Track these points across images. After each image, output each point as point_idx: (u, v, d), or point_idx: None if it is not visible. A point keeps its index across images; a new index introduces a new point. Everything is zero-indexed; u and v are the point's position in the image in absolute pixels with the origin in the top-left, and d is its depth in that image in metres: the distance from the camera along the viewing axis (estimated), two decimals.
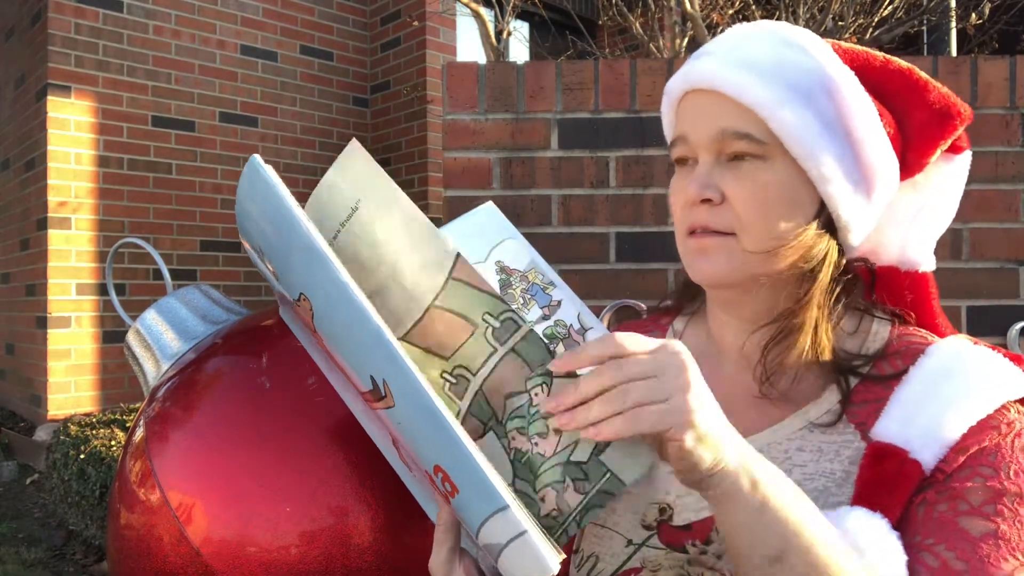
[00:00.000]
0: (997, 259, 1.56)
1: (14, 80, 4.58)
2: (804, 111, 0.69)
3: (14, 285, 4.58)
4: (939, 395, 0.67)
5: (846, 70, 0.71)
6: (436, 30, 5.04)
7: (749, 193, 0.70)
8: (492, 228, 0.88)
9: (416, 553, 0.96)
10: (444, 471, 0.59)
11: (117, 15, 4.32)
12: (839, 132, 0.70)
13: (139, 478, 1.07)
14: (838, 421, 0.71)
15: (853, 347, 0.74)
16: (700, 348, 0.83)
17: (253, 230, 0.66)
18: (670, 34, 3.36)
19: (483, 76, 1.61)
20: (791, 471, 0.70)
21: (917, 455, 0.65)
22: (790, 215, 0.70)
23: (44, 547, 3.15)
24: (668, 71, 1.61)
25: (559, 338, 0.82)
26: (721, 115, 0.71)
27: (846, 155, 0.70)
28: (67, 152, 4.14)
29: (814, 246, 0.71)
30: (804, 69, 0.70)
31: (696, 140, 0.72)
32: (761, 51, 0.71)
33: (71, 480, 3.26)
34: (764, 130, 0.69)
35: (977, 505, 0.63)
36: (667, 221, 1.57)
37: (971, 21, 3.19)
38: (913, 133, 0.75)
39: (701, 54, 0.74)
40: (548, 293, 0.86)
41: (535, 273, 0.87)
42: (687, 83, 0.74)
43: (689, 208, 0.73)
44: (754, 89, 0.69)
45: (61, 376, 4.11)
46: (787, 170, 0.70)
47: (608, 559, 0.75)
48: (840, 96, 0.70)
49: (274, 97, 4.92)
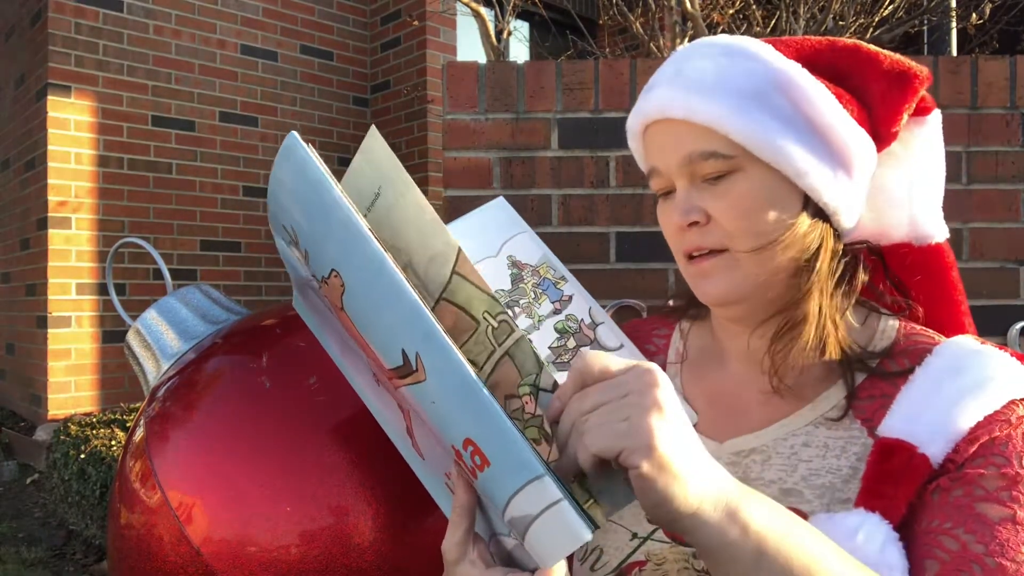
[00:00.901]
0: (997, 259, 1.56)
1: (14, 80, 4.58)
2: (759, 114, 0.69)
3: (14, 285, 4.58)
4: (947, 391, 0.67)
5: (791, 64, 0.71)
6: (436, 30, 5.04)
7: (731, 207, 0.70)
8: (504, 223, 0.89)
9: (417, 552, 0.96)
10: (475, 444, 0.57)
11: (117, 15, 4.32)
12: (801, 125, 0.70)
13: (139, 478, 1.07)
14: (844, 416, 0.71)
15: (861, 341, 0.74)
16: (706, 347, 0.84)
17: (287, 206, 0.65)
18: (670, 34, 3.36)
19: (483, 76, 1.60)
20: (797, 467, 0.71)
21: (925, 449, 0.65)
22: (776, 215, 0.71)
23: (44, 547, 3.15)
24: None
25: (570, 332, 0.83)
26: (682, 141, 0.71)
27: (815, 145, 0.70)
28: (67, 152, 4.14)
29: (807, 235, 0.71)
30: (748, 73, 0.70)
31: (667, 170, 0.73)
32: (702, 68, 0.71)
33: (71, 480, 3.26)
34: (727, 143, 0.69)
35: (993, 491, 0.63)
36: None
37: (972, 21, 3.19)
38: (876, 104, 0.74)
39: (649, 87, 0.75)
40: (559, 288, 0.86)
41: (547, 268, 0.87)
42: (643, 117, 0.75)
43: (680, 234, 0.74)
44: (704, 107, 0.69)
45: (61, 376, 4.11)
46: (762, 174, 0.70)
47: (613, 552, 0.75)
48: (792, 90, 0.70)
49: (274, 97, 4.92)
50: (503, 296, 0.84)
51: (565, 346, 0.83)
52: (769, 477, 0.72)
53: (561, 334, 0.83)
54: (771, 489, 0.71)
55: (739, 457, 0.75)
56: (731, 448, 0.75)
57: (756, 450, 0.74)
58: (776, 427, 0.74)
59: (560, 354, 0.82)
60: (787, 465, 0.72)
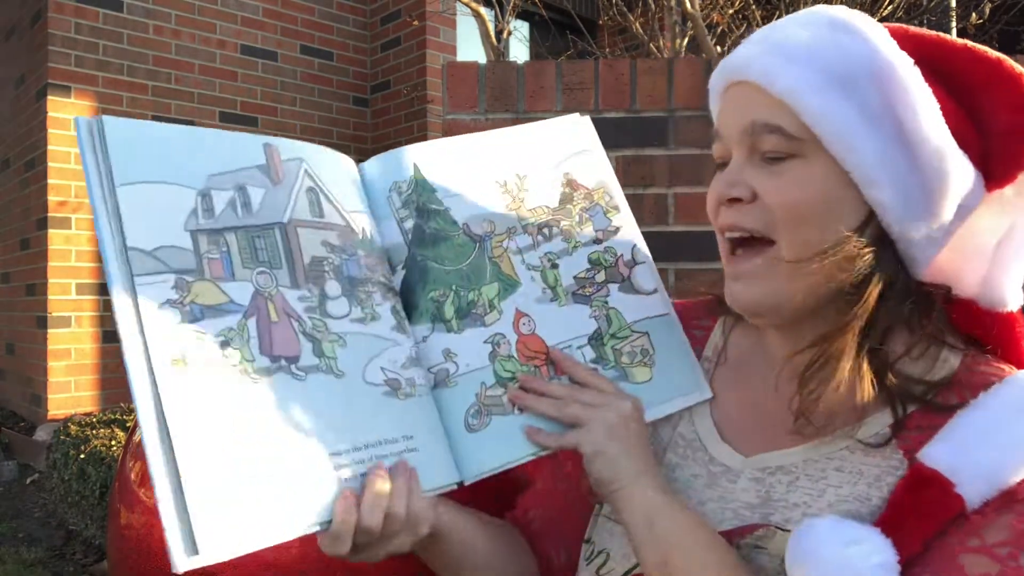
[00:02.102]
0: None
1: (14, 80, 4.58)
2: (842, 101, 0.60)
3: (14, 285, 4.58)
4: (1007, 431, 0.58)
5: (903, 56, 0.61)
6: (436, 30, 5.04)
7: (780, 190, 0.63)
8: (575, 137, 0.85)
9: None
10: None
11: (117, 15, 4.32)
12: (888, 127, 0.61)
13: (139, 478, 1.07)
14: (886, 445, 0.64)
15: (917, 372, 0.65)
16: (749, 351, 0.78)
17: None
18: (670, 34, 3.36)
19: (483, 76, 1.60)
20: (825, 492, 0.65)
21: (963, 489, 0.57)
22: (829, 220, 0.62)
23: (44, 547, 3.15)
24: (668, 71, 1.61)
25: (603, 265, 0.80)
26: (749, 107, 0.65)
27: (898, 155, 0.61)
28: (67, 152, 4.14)
29: (859, 257, 0.62)
30: (847, 53, 0.61)
31: (728, 134, 0.67)
32: (798, 34, 0.63)
33: (71, 480, 3.26)
34: (797, 124, 0.62)
35: (990, 544, 0.56)
36: (667, 221, 1.57)
37: (971, 21, 3.19)
38: (1000, 135, 0.63)
39: (741, 44, 0.69)
40: (608, 217, 0.83)
41: (602, 193, 0.84)
42: (723, 75, 0.69)
43: (718, 209, 0.68)
44: (782, 74, 0.62)
45: (61, 376, 4.11)
46: (826, 169, 0.62)
47: (619, 559, 0.74)
48: (889, 84, 0.60)
49: (274, 97, 4.92)
50: (545, 213, 0.80)
51: (593, 279, 0.79)
52: (793, 500, 0.66)
53: (593, 265, 0.80)
54: (794, 513, 0.65)
55: (764, 474, 0.69)
56: (757, 463, 0.70)
57: (783, 468, 0.68)
58: (808, 447, 0.68)
59: (584, 286, 0.79)
60: (814, 489, 0.66)
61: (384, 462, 0.65)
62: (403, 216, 0.76)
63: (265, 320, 0.64)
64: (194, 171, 0.66)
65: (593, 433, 0.69)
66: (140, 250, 0.61)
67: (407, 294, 0.75)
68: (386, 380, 0.69)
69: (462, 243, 0.76)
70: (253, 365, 0.62)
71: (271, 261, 0.67)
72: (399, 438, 0.68)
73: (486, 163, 0.80)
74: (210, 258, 0.64)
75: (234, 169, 0.68)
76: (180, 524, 0.55)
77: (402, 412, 0.69)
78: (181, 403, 0.58)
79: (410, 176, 0.77)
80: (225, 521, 0.57)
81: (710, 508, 0.71)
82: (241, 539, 0.57)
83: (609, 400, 0.72)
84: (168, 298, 0.61)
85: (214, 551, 0.56)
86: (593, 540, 0.77)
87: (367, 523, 0.62)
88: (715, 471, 0.73)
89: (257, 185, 0.68)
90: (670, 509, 0.66)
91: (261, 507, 0.59)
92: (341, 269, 0.70)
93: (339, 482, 0.63)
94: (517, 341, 0.75)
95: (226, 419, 0.60)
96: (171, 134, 0.67)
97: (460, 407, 0.72)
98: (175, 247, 0.63)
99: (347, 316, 0.69)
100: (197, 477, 0.57)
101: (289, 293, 0.67)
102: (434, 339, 0.73)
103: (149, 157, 0.64)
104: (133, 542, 1.05)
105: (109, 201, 0.61)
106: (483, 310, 0.75)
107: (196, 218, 0.65)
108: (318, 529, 0.61)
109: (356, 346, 0.69)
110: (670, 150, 1.60)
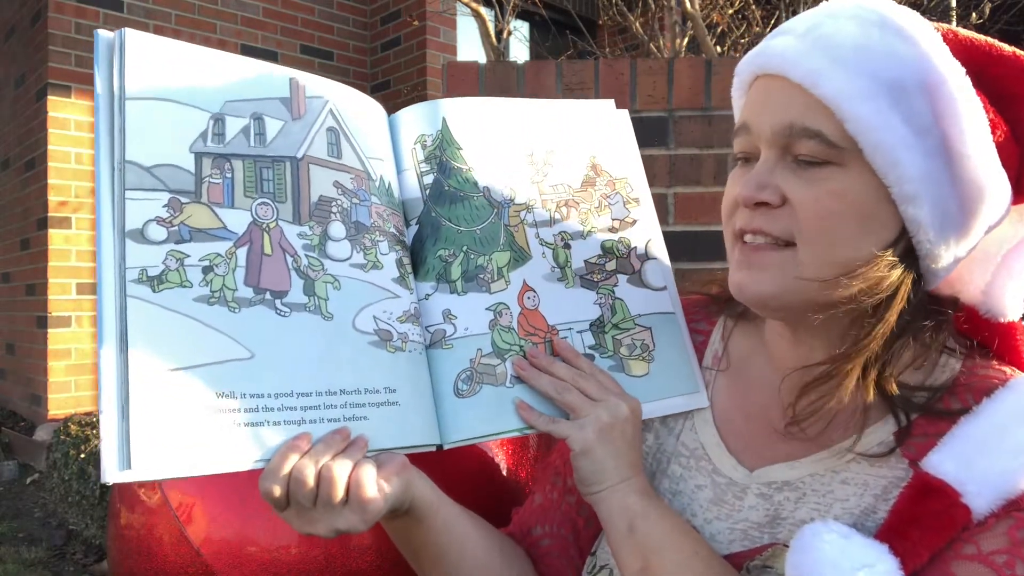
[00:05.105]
0: None
1: (14, 80, 4.58)
2: (890, 111, 0.57)
3: (14, 285, 4.58)
4: (1014, 438, 0.57)
5: (955, 67, 0.58)
6: (436, 30, 5.04)
7: (815, 199, 0.59)
8: (608, 126, 0.84)
9: None
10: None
11: (117, 15, 4.32)
12: (933, 142, 0.58)
13: None
14: (890, 454, 0.62)
15: (914, 380, 0.64)
16: (751, 354, 0.76)
17: None
18: (670, 34, 3.36)
19: (483, 76, 1.61)
20: (832, 507, 0.63)
21: (970, 500, 0.55)
22: (861, 236, 0.59)
23: (44, 547, 3.15)
24: (668, 71, 1.61)
25: (616, 255, 0.79)
26: (789, 107, 0.60)
27: (940, 172, 0.58)
28: (67, 152, 4.14)
29: (885, 278, 0.59)
30: (898, 58, 0.58)
31: (759, 131, 0.62)
32: (846, 32, 0.59)
33: (71, 480, 3.26)
34: (839, 131, 0.58)
35: (987, 552, 0.54)
36: (667, 220, 1.57)
37: (971, 21, 3.19)
38: None
39: (779, 32, 0.64)
40: (628, 208, 0.82)
41: (624, 183, 0.82)
42: (758, 65, 0.64)
43: (736, 208, 0.64)
44: (829, 78, 0.57)
45: (61, 376, 4.11)
46: (864, 181, 0.58)
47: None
48: (940, 98, 0.57)
49: None
50: (565, 192, 0.79)
51: (603, 266, 0.79)
52: (801, 517, 0.65)
53: (605, 253, 0.79)
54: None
55: (771, 490, 0.67)
56: (763, 477, 0.68)
57: (790, 484, 0.67)
58: (813, 460, 0.66)
59: (593, 271, 0.78)
60: (822, 504, 0.64)
61: (351, 424, 0.63)
62: (424, 170, 0.75)
63: (257, 252, 0.64)
64: (211, 95, 0.65)
65: (584, 430, 0.68)
66: (138, 164, 0.60)
67: (416, 249, 0.74)
68: (376, 330, 0.68)
69: (480, 206, 0.76)
70: (233, 294, 0.61)
71: (276, 193, 0.66)
72: (381, 389, 0.66)
73: (517, 131, 0.80)
74: (211, 182, 0.63)
75: (254, 98, 0.67)
76: (119, 437, 0.55)
77: (390, 364, 0.68)
78: (144, 319, 0.57)
79: (437, 131, 0.76)
80: (165, 442, 0.56)
81: (717, 528, 0.69)
82: (178, 463, 0.56)
83: (608, 397, 0.70)
84: (157, 216, 0.60)
85: (147, 469, 0.55)
86: (597, 554, 0.76)
87: (298, 475, 0.58)
88: (720, 482, 0.71)
89: (275, 116, 0.67)
90: (653, 513, 0.65)
91: (206, 434, 0.57)
92: (349, 213, 0.69)
93: (299, 423, 0.61)
94: (519, 314, 0.74)
95: (187, 342, 0.59)
96: (195, 55, 0.65)
97: (452, 370, 0.71)
98: (175, 166, 0.62)
99: (347, 260, 0.68)
100: (146, 394, 0.56)
101: (289, 228, 0.66)
102: (436, 298, 0.73)
103: (165, 75, 0.63)
104: (133, 542, 1.05)
105: (117, 116, 0.60)
106: (491, 276, 0.74)
107: (204, 141, 0.64)
108: (261, 467, 0.60)
109: (351, 291, 0.67)
110: (670, 150, 1.60)
